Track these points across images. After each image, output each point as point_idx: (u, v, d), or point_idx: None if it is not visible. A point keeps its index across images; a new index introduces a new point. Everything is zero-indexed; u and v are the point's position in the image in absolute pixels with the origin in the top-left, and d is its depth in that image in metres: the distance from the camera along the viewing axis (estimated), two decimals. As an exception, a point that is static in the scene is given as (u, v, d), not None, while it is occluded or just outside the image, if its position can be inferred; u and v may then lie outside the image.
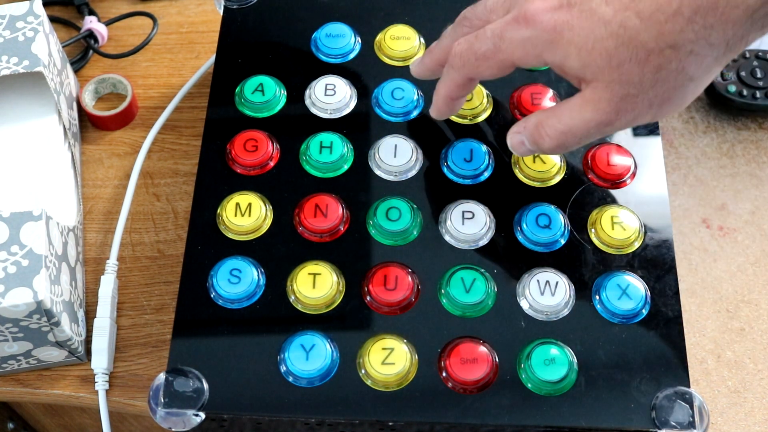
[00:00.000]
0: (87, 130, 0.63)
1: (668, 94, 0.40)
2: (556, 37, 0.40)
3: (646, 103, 0.40)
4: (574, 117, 0.42)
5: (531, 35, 0.41)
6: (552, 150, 0.44)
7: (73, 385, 0.53)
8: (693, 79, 0.39)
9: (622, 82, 0.39)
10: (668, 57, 0.38)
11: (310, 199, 0.50)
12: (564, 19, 0.40)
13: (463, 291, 0.47)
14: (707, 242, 0.57)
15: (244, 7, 0.58)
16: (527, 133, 0.44)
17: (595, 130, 0.42)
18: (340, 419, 0.45)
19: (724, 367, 0.53)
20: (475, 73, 0.45)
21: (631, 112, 0.40)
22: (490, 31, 0.43)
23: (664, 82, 0.39)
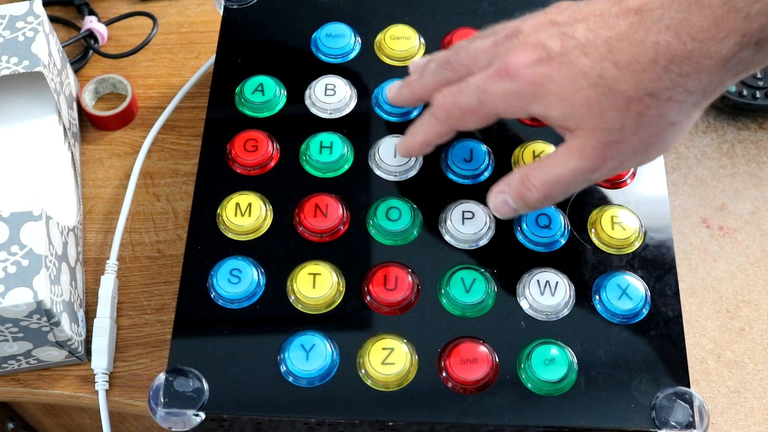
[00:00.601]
0: (87, 130, 0.63)
1: (651, 139, 0.41)
2: (538, 90, 0.41)
3: (630, 149, 0.41)
4: (560, 166, 0.42)
5: (513, 89, 0.42)
6: (538, 203, 0.44)
7: (73, 385, 0.53)
8: (674, 124, 0.40)
9: (606, 130, 0.40)
10: (648, 104, 0.39)
11: (310, 199, 0.50)
12: (544, 72, 0.41)
13: (463, 291, 0.47)
14: (707, 242, 0.57)
15: (244, 7, 0.58)
16: (512, 189, 0.45)
17: (582, 178, 0.42)
18: (340, 419, 0.45)
19: (724, 367, 0.53)
20: (459, 126, 0.46)
21: (616, 158, 0.41)
22: (473, 85, 0.44)
23: (646, 128, 0.40)
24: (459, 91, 0.44)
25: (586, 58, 0.40)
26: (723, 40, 0.36)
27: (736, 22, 0.36)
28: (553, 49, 0.41)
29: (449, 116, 0.45)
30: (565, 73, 0.40)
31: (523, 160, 0.51)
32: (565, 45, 0.40)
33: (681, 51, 0.37)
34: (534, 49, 0.41)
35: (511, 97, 0.42)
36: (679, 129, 0.41)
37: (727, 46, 0.37)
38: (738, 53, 0.37)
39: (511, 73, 0.42)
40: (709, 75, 0.38)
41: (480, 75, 0.44)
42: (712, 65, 0.37)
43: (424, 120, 0.48)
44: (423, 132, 0.48)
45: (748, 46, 0.37)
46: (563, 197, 0.44)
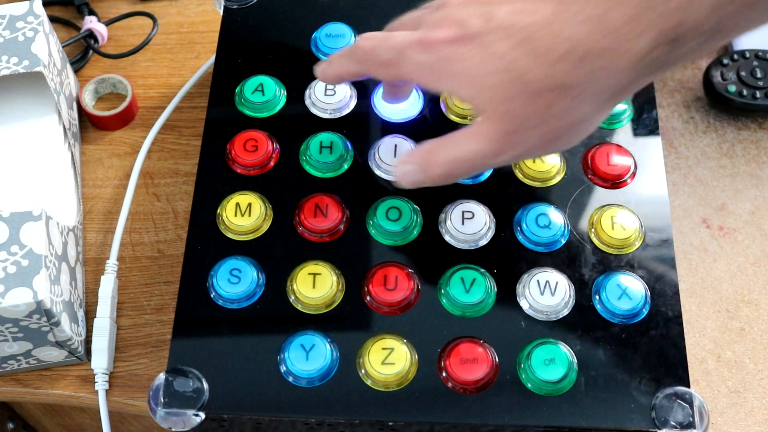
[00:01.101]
0: (87, 130, 0.63)
1: (556, 132, 0.40)
2: (450, 68, 0.41)
3: (534, 140, 0.41)
4: (462, 147, 0.42)
5: (428, 61, 0.42)
6: (440, 178, 0.44)
7: (73, 385, 0.53)
8: (581, 120, 0.40)
9: (511, 117, 0.40)
10: (556, 96, 0.38)
11: (310, 199, 0.50)
12: (460, 51, 0.40)
13: (463, 291, 0.47)
14: (707, 242, 0.57)
15: (244, 7, 0.58)
16: (417, 161, 0.45)
17: (483, 161, 0.42)
18: (340, 419, 0.45)
19: (724, 367, 0.53)
20: (371, 74, 0.46)
21: (518, 147, 0.41)
22: (395, 42, 0.43)
23: (552, 121, 0.39)
24: (382, 41, 0.44)
25: (503, 42, 0.39)
26: (637, 38, 0.36)
27: (653, 19, 0.36)
28: (472, 27, 0.40)
29: (364, 61, 0.45)
30: (479, 55, 0.40)
31: (524, 161, 0.51)
32: (485, 25, 0.40)
33: (597, 45, 0.37)
34: (454, 25, 0.41)
35: (425, 68, 0.42)
36: (586, 126, 0.41)
37: (642, 43, 0.36)
38: (652, 52, 0.36)
39: (429, 45, 0.41)
40: (621, 72, 0.37)
41: (404, 35, 0.43)
42: (626, 62, 0.37)
43: (344, 53, 0.47)
44: (339, 65, 0.48)
45: (662, 45, 0.36)
46: (466, 176, 0.45)
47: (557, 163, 0.51)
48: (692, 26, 0.35)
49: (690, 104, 0.63)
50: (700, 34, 0.36)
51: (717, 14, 0.35)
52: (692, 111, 0.63)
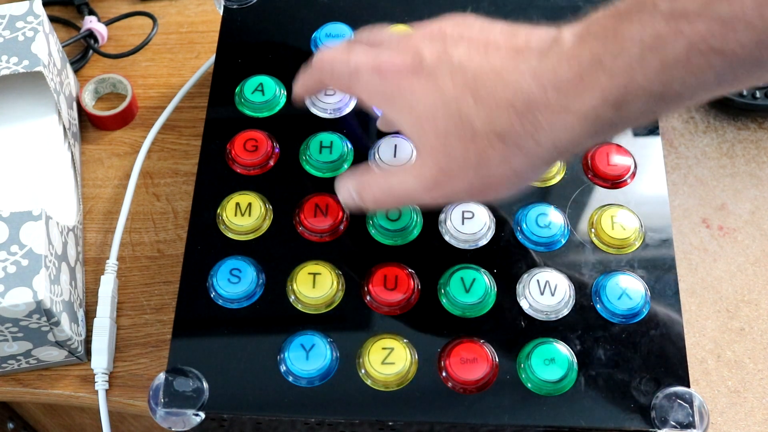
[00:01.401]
0: (87, 130, 0.63)
1: (489, 180, 0.40)
2: (397, 97, 0.41)
3: (466, 184, 0.40)
4: (398, 179, 0.43)
5: (377, 86, 0.42)
6: (371, 204, 0.45)
7: (73, 385, 0.53)
8: (516, 173, 0.39)
9: (445, 156, 0.40)
10: (493, 144, 0.38)
11: (310, 199, 0.50)
12: (409, 82, 0.40)
13: (463, 291, 0.47)
14: (707, 242, 0.57)
15: (244, 7, 0.58)
16: (354, 182, 0.45)
17: (413, 197, 0.43)
18: (340, 419, 0.45)
19: (724, 367, 0.53)
20: (329, 85, 0.48)
21: (447, 188, 0.41)
22: (353, 59, 0.43)
23: (485, 168, 0.39)
24: (342, 53, 0.44)
25: (451, 81, 0.39)
26: (582, 95, 0.36)
27: (598, 78, 0.35)
28: (426, 61, 0.40)
29: (322, 70, 0.45)
30: (426, 89, 0.40)
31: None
32: (438, 61, 0.40)
33: (539, 99, 0.36)
34: (410, 55, 0.41)
35: (374, 92, 0.42)
36: (520, 179, 0.40)
37: (586, 101, 0.36)
38: (596, 111, 0.36)
39: (382, 70, 0.41)
40: (564, 130, 0.37)
41: (362, 53, 0.43)
42: (568, 120, 0.36)
43: (309, 65, 0.47)
44: (302, 77, 0.48)
45: (607, 104, 0.36)
46: (394, 207, 0.46)
47: (557, 163, 0.51)
48: (638, 88, 0.35)
49: (690, 104, 0.63)
50: (647, 97, 0.35)
51: (664, 76, 0.34)
52: (692, 111, 0.63)
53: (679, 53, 0.33)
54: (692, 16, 0.33)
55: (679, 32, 0.33)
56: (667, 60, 0.34)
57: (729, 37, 0.33)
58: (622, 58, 0.34)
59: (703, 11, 0.33)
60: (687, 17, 0.33)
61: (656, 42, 0.34)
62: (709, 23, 0.33)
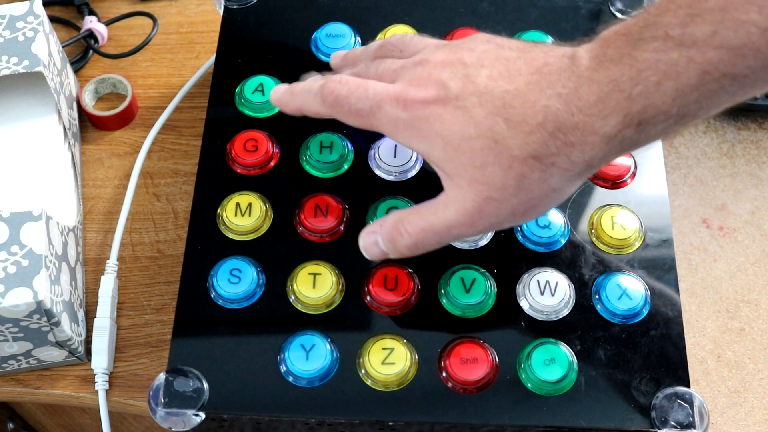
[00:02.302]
0: (87, 130, 0.63)
1: (531, 202, 0.40)
2: (426, 128, 0.41)
3: (509, 209, 0.40)
4: (436, 215, 0.42)
5: (405, 118, 0.41)
6: (408, 249, 0.43)
7: (73, 385, 0.53)
8: (555, 190, 0.40)
9: (485, 185, 0.40)
10: (531, 166, 0.39)
11: (310, 199, 0.50)
12: (438, 112, 0.40)
13: (463, 291, 0.47)
14: (707, 242, 0.57)
15: (244, 7, 0.58)
16: (384, 231, 0.44)
17: (456, 230, 0.42)
18: (340, 419, 0.45)
19: (724, 367, 0.53)
20: (339, 118, 0.45)
21: (494, 216, 0.41)
22: (372, 94, 0.43)
23: (527, 191, 0.39)
24: (356, 89, 0.43)
25: (481, 108, 0.39)
26: (606, 118, 0.37)
27: (619, 102, 0.36)
28: (452, 90, 0.40)
29: (335, 105, 0.44)
30: (456, 118, 0.40)
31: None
32: (464, 89, 0.40)
33: (568, 121, 0.38)
34: (434, 86, 0.41)
35: (400, 125, 0.42)
36: (560, 195, 0.41)
37: (610, 124, 0.37)
38: (620, 132, 0.37)
39: (407, 103, 0.41)
40: (593, 149, 0.38)
41: (381, 87, 0.43)
42: (596, 140, 0.38)
43: (311, 90, 0.46)
44: (303, 101, 0.47)
45: (630, 126, 0.37)
46: (435, 247, 0.43)
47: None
48: (657, 111, 0.36)
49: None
50: (666, 119, 0.37)
51: (681, 101, 0.36)
52: (692, 111, 0.63)
53: (692, 80, 0.35)
54: (702, 44, 0.35)
55: (691, 60, 0.35)
56: (682, 86, 0.35)
57: (738, 63, 0.34)
58: (640, 84, 0.36)
59: (711, 40, 0.34)
60: (697, 46, 0.35)
61: (671, 69, 0.35)
62: (718, 51, 0.34)
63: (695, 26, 0.35)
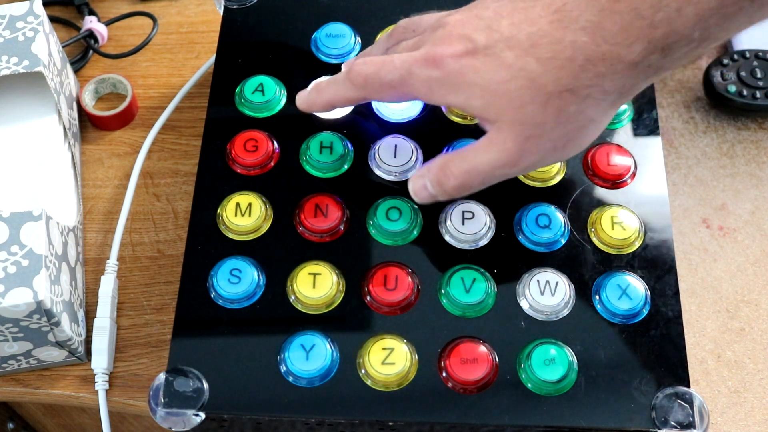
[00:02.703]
0: (87, 130, 0.63)
1: (570, 135, 0.42)
2: (461, 81, 0.42)
3: (550, 144, 0.42)
4: (480, 156, 0.43)
5: (438, 77, 0.42)
6: (455, 190, 0.44)
7: (73, 385, 0.53)
8: (592, 121, 0.42)
9: (525, 123, 0.41)
10: (567, 100, 0.40)
11: (310, 199, 0.50)
12: (470, 63, 0.41)
13: (463, 291, 0.47)
14: (707, 242, 0.57)
15: (244, 7, 0.58)
16: (431, 174, 0.45)
17: (500, 170, 0.43)
18: (340, 419, 0.45)
19: (724, 367, 0.53)
20: (373, 97, 0.47)
21: (536, 153, 0.42)
22: (399, 62, 0.44)
23: (565, 124, 0.41)
24: (383, 63, 0.44)
25: (510, 51, 0.41)
26: (631, 45, 0.38)
27: (642, 29, 0.38)
28: (478, 41, 0.41)
29: (366, 85, 0.45)
30: (489, 65, 0.41)
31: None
32: (490, 38, 0.41)
33: (595, 52, 0.39)
34: (460, 41, 0.42)
35: (435, 83, 0.43)
36: (597, 126, 0.42)
37: (635, 51, 0.38)
38: (646, 58, 0.38)
39: (438, 61, 0.42)
40: (622, 77, 0.39)
41: (406, 56, 0.44)
42: (623, 68, 0.39)
43: (337, 80, 0.47)
44: (333, 92, 0.48)
45: (655, 52, 0.38)
46: (480, 187, 0.44)
47: (557, 163, 0.51)
48: (680, 36, 0.38)
49: (690, 104, 0.63)
50: (689, 42, 0.38)
51: (702, 25, 0.37)
52: (692, 111, 0.63)
53: (712, 3, 0.36)
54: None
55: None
56: (702, 11, 0.37)
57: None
58: (662, 11, 0.37)
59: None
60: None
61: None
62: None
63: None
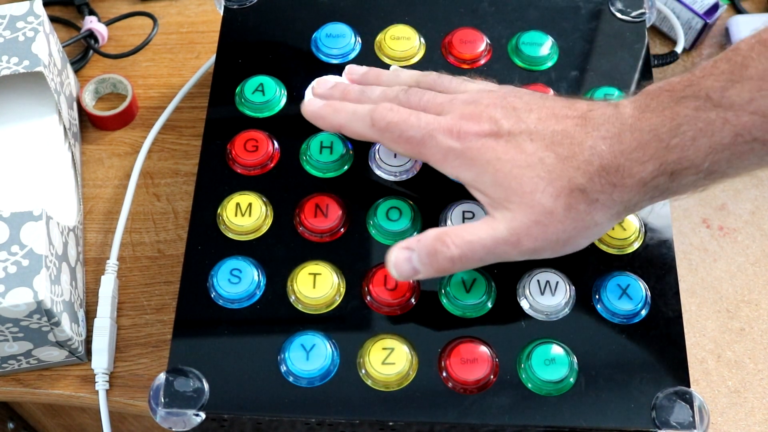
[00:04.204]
0: (87, 130, 0.63)
1: (574, 232, 0.42)
2: (477, 157, 0.43)
3: (554, 235, 0.42)
4: (482, 231, 0.43)
5: (457, 149, 0.44)
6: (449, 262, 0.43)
7: (73, 385, 0.53)
8: (597, 224, 0.43)
9: (535, 208, 0.42)
10: (578, 198, 0.41)
11: (310, 199, 0.50)
12: (490, 144, 0.43)
13: (463, 291, 0.47)
14: (707, 242, 0.57)
15: (244, 7, 0.58)
16: (422, 245, 0.43)
17: (502, 247, 0.43)
18: (340, 419, 0.45)
19: (724, 367, 0.53)
20: (386, 144, 0.47)
21: (539, 239, 0.42)
22: (425, 123, 0.45)
23: (572, 220, 0.42)
24: (409, 117, 0.45)
25: (532, 143, 0.42)
26: (645, 164, 0.40)
27: (657, 150, 0.40)
28: (504, 127, 0.43)
29: (386, 131, 0.46)
30: (509, 149, 0.43)
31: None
32: (516, 127, 0.43)
33: (611, 162, 0.41)
34: (488, 122, 0.43)
35: (452, 154, 0.44)
36: (599, 230, 0.43)
37: (647, 169, 0.40)
38: (655, 179, 0.40)
39: (462, 135, 0.44)
40: (630, 192, 0.41)
41: (433, 118, 0.45)
42: (633, 183, 0.41)
43: (358, 112, 0.47)
44: (347, 120, 0.48)
45: (664, 174, 0.40)
46: (477, 264, 0.43)
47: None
48: (690, 163, 0.39)
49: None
50: (697, 172, 0.40)
51: (713, 157, 0.39)
52: (692, 111, 0.63)
53: (725, 139, 0.38)
54: (738, 108, 0.38)
55: (726, 121, 0.38)
56: (715, 144, 0.39)
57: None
58: (678, 136, 0.39)
59: (747, 106, 0.38)
60: (734, 109, 0.38)
61: (707, 127, 0.39)
62: (753, 117, 0.38)
63: (734, 91, 0.38)
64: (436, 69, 0.52)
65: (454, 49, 0.55)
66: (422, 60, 0.55)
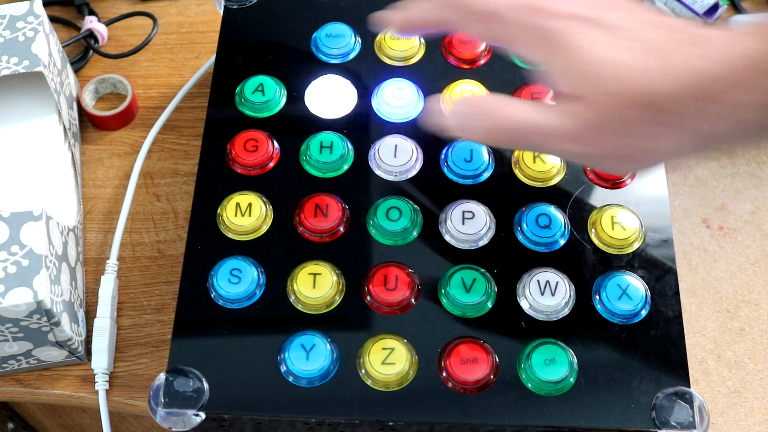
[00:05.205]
0: (87, 130, 0.63)
1: (635, 150, 0.38)
2: (560, 39, 0.38)
3: (614, 146, 0.38)
4: (543, 115, 0.39)
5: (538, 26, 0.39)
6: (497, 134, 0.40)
7: (73, 385, 0.53)
8: (660, 152, 0.38)
9: (606, 112, 0.38)
10: (653, 114, 0.37)
11: (310, 199, 0.50)
12: (577, 28, 0.38)
13: (463, 291, 0.47)
14: (707, 242, 0.57)
15: (244, 7, 0.58)
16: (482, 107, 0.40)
17: (554, 140, 0.39)
18: (340, 419, 0.45)
19: (724, 367, 0.53)
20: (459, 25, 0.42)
21: (595, 145, 0.39)
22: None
23: (635, 137, 0.38)
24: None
25: (631, 42, 0.37)
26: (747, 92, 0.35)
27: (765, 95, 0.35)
28: (609, 20, 0.38)
29: (460, 6, 0.41)
30: (605, 42, 0.37)
31: (524, 161, 0.51)
32: (621, 24, 0.38)
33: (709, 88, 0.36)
34: (589, 7, 0.39)
35: (530, 32, 0.39)
36: (659, 157, 0.39)
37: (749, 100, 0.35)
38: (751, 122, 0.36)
39: (545, 12, 0.39)
40: (718, 122, 0.36)
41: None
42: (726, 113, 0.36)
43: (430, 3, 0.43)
44: (423, 11, 0.44)
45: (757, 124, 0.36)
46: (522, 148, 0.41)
47: (557, 163, 0.51)
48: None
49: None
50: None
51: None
52: (692, 111, 0.63)
53: None
54: None
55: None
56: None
57: None
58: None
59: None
60: None
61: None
62: None
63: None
64: (436, 69, 0.52)
65: (454, 49, 0.55)
66: (422, 60, 0.55)
